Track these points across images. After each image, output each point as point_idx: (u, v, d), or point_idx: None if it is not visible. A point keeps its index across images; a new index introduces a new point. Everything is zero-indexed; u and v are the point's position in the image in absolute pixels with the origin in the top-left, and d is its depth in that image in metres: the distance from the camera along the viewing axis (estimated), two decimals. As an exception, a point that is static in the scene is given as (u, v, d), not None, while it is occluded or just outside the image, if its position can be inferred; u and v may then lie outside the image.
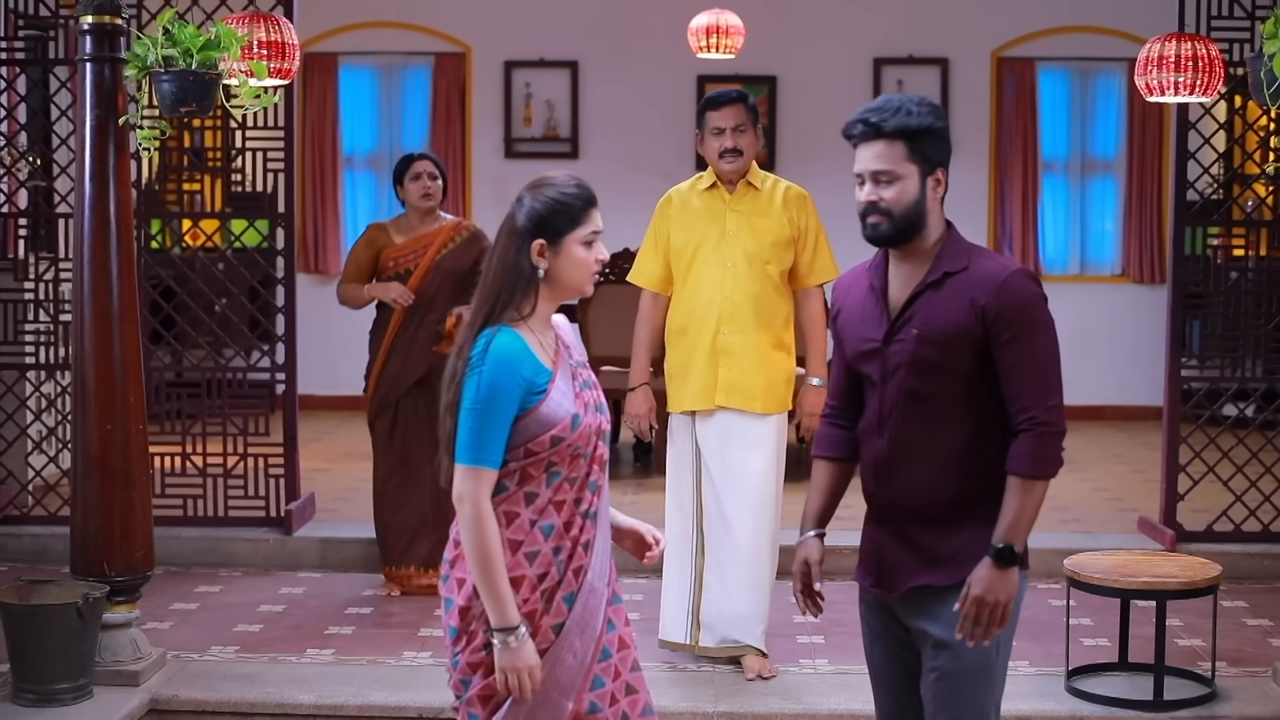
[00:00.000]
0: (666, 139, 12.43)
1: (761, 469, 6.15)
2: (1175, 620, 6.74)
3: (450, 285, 7.42)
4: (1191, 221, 8.29)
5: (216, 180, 9.60)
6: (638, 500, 9.00)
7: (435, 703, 5.81)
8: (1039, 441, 3.80)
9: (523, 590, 3.68)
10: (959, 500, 3.88)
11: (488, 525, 3.64)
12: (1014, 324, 3.80)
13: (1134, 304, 12.63)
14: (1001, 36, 12.57)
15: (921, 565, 3.92)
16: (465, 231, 7.60)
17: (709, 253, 6.18)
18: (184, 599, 7.32)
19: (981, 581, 3.79)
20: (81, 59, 5.77)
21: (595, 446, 3.79)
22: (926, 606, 3.92)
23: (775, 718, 5.86)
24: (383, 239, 7.57)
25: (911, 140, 3.86)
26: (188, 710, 5.93)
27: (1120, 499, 9.29)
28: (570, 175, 3.81)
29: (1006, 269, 3.88)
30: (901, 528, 3.96)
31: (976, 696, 3.91)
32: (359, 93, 12.91)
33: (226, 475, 8.23)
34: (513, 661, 3.63)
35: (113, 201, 5.84)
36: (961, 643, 3.84)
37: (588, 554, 3.76)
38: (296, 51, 5.86)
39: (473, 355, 3.67)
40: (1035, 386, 3.81)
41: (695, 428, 6.22)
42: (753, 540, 6.14)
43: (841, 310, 4.11)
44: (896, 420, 3.91)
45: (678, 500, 6.28)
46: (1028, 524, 3.82)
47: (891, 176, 3.87)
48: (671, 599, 6.27)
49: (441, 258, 7.47)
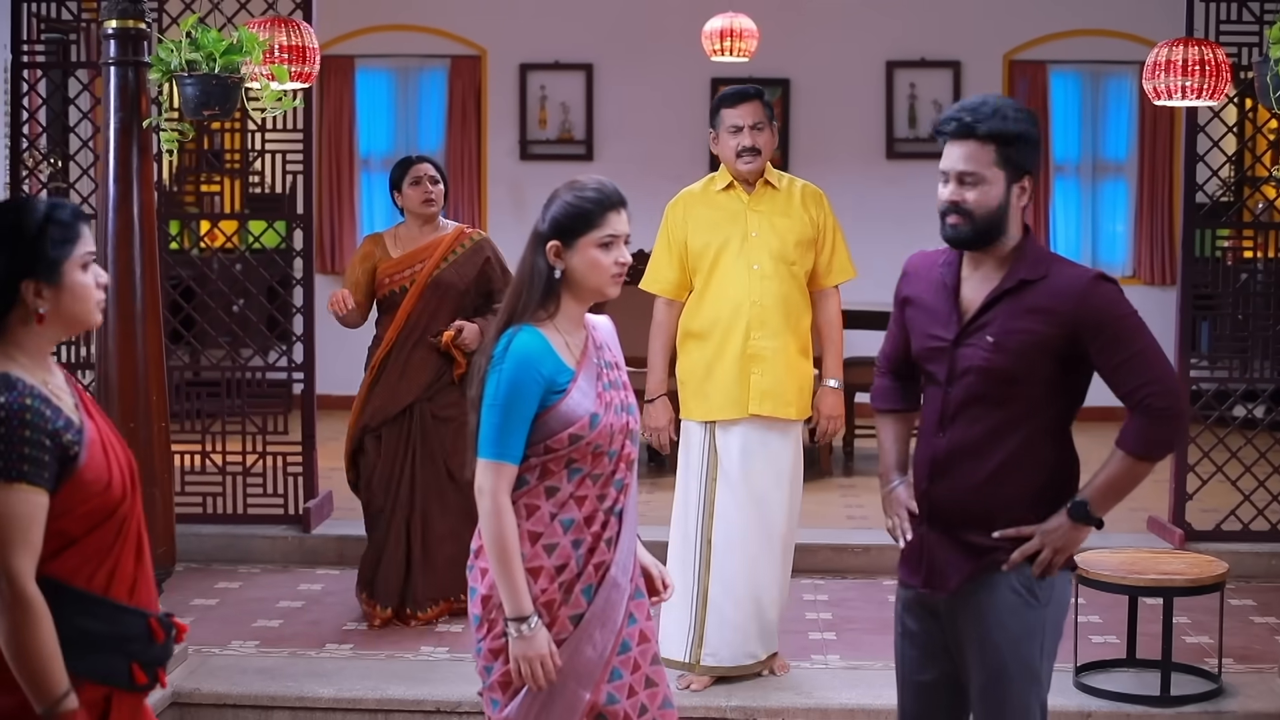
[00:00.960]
0: (681, 142, 12.51)
1: (782, 476, 6.02)
2: (1183, 618, 6.81)
3: (452, 302, 6.85)
4: (1201, 224, 8.35)
5: (234, 182, 9.70)
6: (651, 500, 9.06)
7: (453, 696, 5.90)
8: (1151, 422, 3.83)
9: (541, 581, 3.77)
10: (1013, 503, 3.92)
11: (505, 518, 3.72)
12: (1107, 327, 3.83)
13: (1145, 306, 12.27)
14: (1013, 39, 12.63)
15: (971, 562, 3.95)
16: (469, 241, 7.00)
17: (733, 256, 5.97)
18: (204, 595, 7.41)
19: (1051, 530, 3.86)
20: (106, 63, 5.87)
21: (622, 445, 3.85)
22: (973, 600, 3.95)
23: (787, 712, 5.94)
24: (378, 253, 6.96)
25: (1004, 145, 3.87)
26: (209, 704, 6.02)
27: (1130, 499, 9.27)
28: (597, 179, 3.88)
29: (1085, 276, 3.90)
30: (954, 529, 3.98)
31: (1020, 694, 3.94)
32: (375, 95, 13.00)
33: (246, 474, 8.33)
34: (524, 650, 3.71)
35: (136, 203, 5.94)
36: (1008, 644, 3.90)
37: (611, 549, 3.83)
38: (317, 56, 5.96)
39: (495, 353, 3.77)
40: (1149, 375, 3.82)
41: (713, 436, 6.01)
42: (781, 548, 6.03)
43: (910, 299, 4.11)
44: (959, 423, 3.93)
45: (684, 510, 6.07)
46: (1116, 496, 3.90)
47: (978, 179, 3.88)
48: (672, 616, 6.02)
49: (441, 272, 6.86)
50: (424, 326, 6.82)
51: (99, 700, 3.12)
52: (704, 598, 5.97)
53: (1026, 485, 3.92)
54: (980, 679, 3.98)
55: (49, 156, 8.49)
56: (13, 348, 3.13)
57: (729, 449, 6.00)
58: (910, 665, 4.18)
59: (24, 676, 3.00)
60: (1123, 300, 3.89)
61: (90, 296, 3.21)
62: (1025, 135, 3.90)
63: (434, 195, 6.94)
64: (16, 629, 2.98)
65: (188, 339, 8.85)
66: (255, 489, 8.38)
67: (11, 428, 3.00)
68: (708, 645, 5.99)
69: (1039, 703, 4.01)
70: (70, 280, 3.17)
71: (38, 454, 3.01)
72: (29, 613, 2.98)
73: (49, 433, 3.04)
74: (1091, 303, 3.84)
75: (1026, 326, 3.85)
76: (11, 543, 2.97)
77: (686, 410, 6.10)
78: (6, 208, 3.20)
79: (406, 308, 6.81)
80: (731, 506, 5.97)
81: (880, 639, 6.71)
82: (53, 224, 3.14)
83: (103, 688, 3.13)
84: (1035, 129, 3.94)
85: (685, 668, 6.02)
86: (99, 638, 3.13)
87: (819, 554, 7.82)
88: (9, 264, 3.11)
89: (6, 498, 2.98)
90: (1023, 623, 3.93)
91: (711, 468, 6.01)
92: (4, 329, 3.14)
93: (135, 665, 3.18)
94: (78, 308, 3.20)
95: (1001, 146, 3.87)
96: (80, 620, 3.09)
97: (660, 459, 10.09)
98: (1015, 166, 3.90)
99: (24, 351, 3.14)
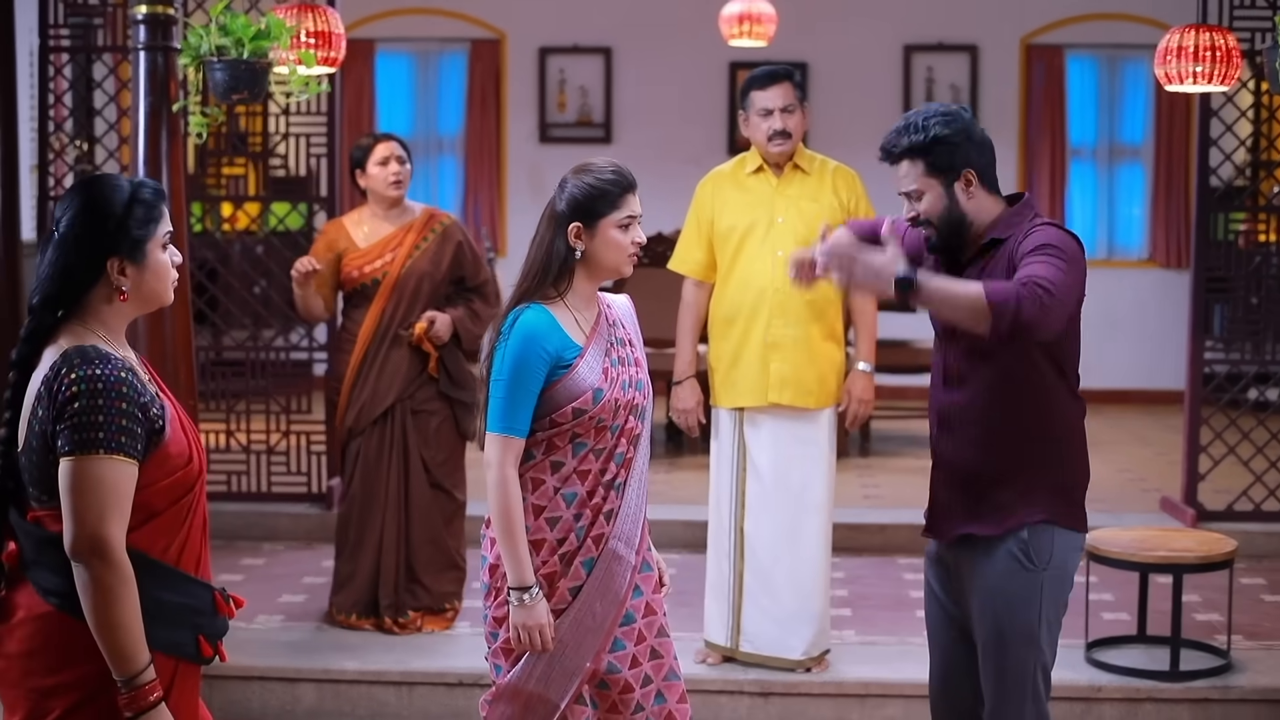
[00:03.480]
0: (698, 126, 12.60)
1: (815, 467, 6.00)
2: (1194, 596, 6.90)
3: (427, 293, 6.49)
4: (1215, 208, 8.43)
5: (257, 165, 9.80)
6: (670, 479, 9.18)
7: (476, 668, 6.00)
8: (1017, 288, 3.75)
9: (543, 553, 3.89)
10: (1014, 457, 4.09)
11: (510, 489, 3.85)
12: (1035, 246, 3.91)
13: (1161, 289, 12.73)
14: (1030, 23, 12.68)
15: (969, 515, 4.13)
16: (438, 226, 6.58)
17: (757, 241, 5.92)
18: (230, 571, 7.53)
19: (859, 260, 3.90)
20: (135, 47, 5.96)
21: (625, 420, 3.95)
22: (973, 558, 4.13)
23: (803, 686, 6.03)
24: (343, 242, 6.55)
25: (923, 155, 4.05)
26: (236, 676, 6.13)
27: (1143, 479, 9.44)
28: (610, 161, 3.99)
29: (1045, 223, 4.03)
30: (958, 478, 4.16)
31: (1017, 658, 4.09)
32: (395, 79, 13.09)
33: (269, 452, 8.44)
34: (525, 619, 3.84)
35: (165, 186, 6.02)
36: (1003, 605, 4.05)
37: (610, 523, 3.93)
38: (343, 41, 6.05)
39: (502, 329, 3.90)
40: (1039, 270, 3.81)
41: (742, 424, 6.02)
42: (806, 541, 5.99)
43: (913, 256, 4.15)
44: (961, 377, 4.12)
45: (717, 498, 6.09)
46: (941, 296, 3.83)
47: (918, 193, 4.08)
48: (714, 600, 6.12)
49: (414, 261, 6.49)
50: (400, 320, 6.48)
51: (167, 673, 3.18)
52: (739, 586, 6.03)
53: (1024, 443, 4.08)
54: (980, 639, 4.14)
55: (75, 140, 8.60)
56: (95, 323, 3.19)
57: (759, 438, 6.00)
58: (934, 622, 4.35)
59: (108, 645, 3.06)
60: (1065, 236, 3.96)
61: (169, 275, 3.28)
62: (941, 138, 4.04)
63: (401, 176, 6.50)
64: (107, 597, 3.04)
65: (212, 320, 8.97)
66: (279, 468, 8.49)
67: (110, 399, 3.06)
68: (745, 633, 6.06)
69: (1039, 667, 4.13)
70: (152, 259, 3.23)
71: (132, 426, 3.08)
72: (122, 582, 3.05)
73: (140, 405, 3.11)
74: (1034, 233, 3.98)
75: (1001, 277, 3.95)
76: (108, 512, 3.05)
77: (716, 398, 6.11)
78: (91, 185, 3.25)
79: (380, 303, 6.47)
80: (762, 496, 5.99)
81: (895, 616, 6.82)
82: (137, 203, 3.21)
83: (171, 660, 3.20)
84: (952, 128, 4.05)
85: (727, 653, 6.11)
86: (173, 609, 3.19)
87: (835, 532, 7.82)
88: (96, 241, 3.17)
89: (106, 468, 3.05)
90: (1019, 586, 4.06)
91: (741, 457, 6.02)
92: (87, 305, 3.20)
93: (201, 637, 3.26)
94: (158, 286, 3.26)
95: (924, 157, 4.05)
96: (157, 592, 3.15)
97: (679, 440, 10.17)
98: (945, 169, 4.05)
99: (106, 328, 3.20)
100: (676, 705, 4.05)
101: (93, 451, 3.04)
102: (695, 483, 8.54)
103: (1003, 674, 4.11)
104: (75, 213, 3.18)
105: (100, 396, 3.05)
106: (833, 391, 6.05)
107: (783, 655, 6.04)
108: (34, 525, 3.16)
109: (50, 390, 3.08)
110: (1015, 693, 4.11)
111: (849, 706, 6.05)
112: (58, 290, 3.18)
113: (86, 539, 3.04)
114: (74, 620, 3.10)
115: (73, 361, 3.08)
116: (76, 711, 3.13)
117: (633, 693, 3.97)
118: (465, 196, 12.98)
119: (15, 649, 3.17)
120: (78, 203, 3.19)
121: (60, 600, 3.12)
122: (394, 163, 6.49)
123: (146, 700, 3.08)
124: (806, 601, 6.01)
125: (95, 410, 3.04)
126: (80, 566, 3.05)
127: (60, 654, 3.13)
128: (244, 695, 6.16)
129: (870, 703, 6.04)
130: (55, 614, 3.13)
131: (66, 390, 3.05)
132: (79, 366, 3.07)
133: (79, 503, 3.04)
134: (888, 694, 6.02)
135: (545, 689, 3.91)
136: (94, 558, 3.04)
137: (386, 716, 6.14)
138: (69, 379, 3.06)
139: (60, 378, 3.07)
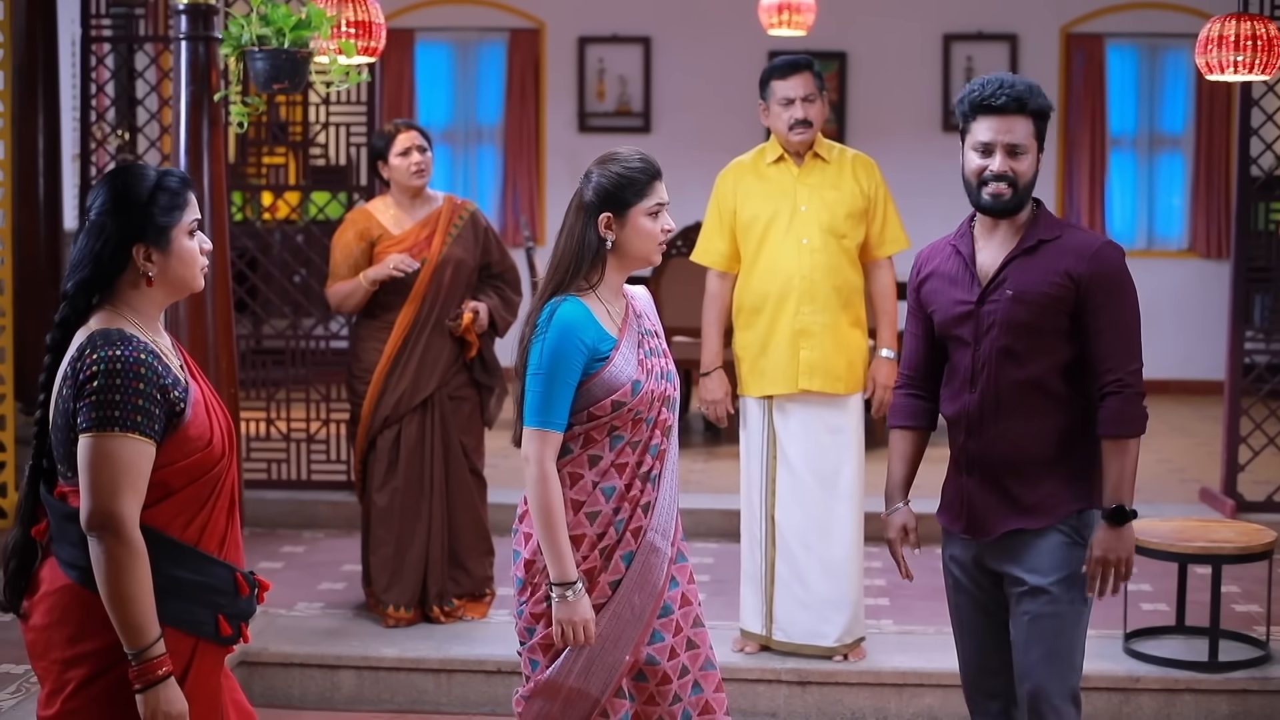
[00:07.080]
0: (738, 115, 12.52)
1: (845, 454, 6.00)
2: (1233, 587, 6.89)
3: (463, 280, 6.50)
4: (1256, 198, 8.41)
5: (297, 154, 9.84)
6: (707, 469, 9.19)
7: (514, 657, 5.99)
8: (1124, 403, 4.07)
9: (583, 548, 3.89)
10: (1047, 450, 4.16)
11: (551, 484, 3.84)
12: (1104, 291, 4.08)
13: (1201, 279, 12.68)
14: (1071, 12, 12.64)
15: (1013, 511, 4.18)
16: (465, 213, 6.60)
17: (781, 230, 5.93)
18: (270, 558, 7.58)
19: (1101, 543, 4.09)
20: (177, 38, 6.00)
21: (659, 412, 3.96)
22: (1018, 551, 4.18)
23: (840, 675, 6.04)
24: (376, 229, 6.53)
25: (1040, 120, 4.15)
26: (276, 662, 6.18)
27: (1183, 470, 9.41)
28: (635, 150, 4.01)
29: (1098, 240, 4.18)
30: (993, 477, 4.20)
31: (1067, 634, 4.18)
32: (435, 68, 13.12)
33: (309, 440, 8.49)
34: (569, 614, 3.84)
35: (206, 175, 6.06)
36: (1056, 587, 4.12)
37: (647, 515, 3.93)
38: (383, 31, 6.07)
39: (539, 322, 3.88)
40: (1120, 350, 4.09)
41: (771, 413, 6.02)
42: (837, 528, 5.99)
43: (928, 279, 4.31)
44: (989, 375, 4.15)
45: (748, 487, 6.10)
46: (1130, 481, 4.10)
47: (1025, 150, 4.13)
48: (748, 589, 6.14)
49: (449, 249, 6.49)
50: (439, 309, 6.45)
51: (185, 650, 3.26)
52: (771, 574, 6.04)
53: (1055, 436, 4.15)
54: (1027, 620, 4.15)
55: (116, 129, 8.66)
56: (124, 308, 3.28)
57: (788, 427, 6.00)
58: (965, 613, 4.37)
59: (119, 618, 3.14)
60: (1126, 272, 4.15)
61: (196, 262, 3.36)
62: (1049, 113, 4.19)
63: (424, 165, 6.50)
64: (118, 571, 3.13)
65: (252, 309, 9.01)
66: (319, 455, 8.54)
67: (127, 380, 3.16)
68: (778, 621, 6.06)
69: (1081, 640, 4.23)
70: (178, 246, 3.31)
71: (149, 406, 3.17)
72: (132, 556, 3.13)
73: (160, 387, 3.19)
74: (1101, 262, 4.11)
75: (1043, 279, 4.11)
76: (121, 489, 3.14)
77: (744, 387, 6.10)
78: (119, 174, 3.34)
79: (420, 290, 6.43)
80: (793, 484, 5.99)
81: (931, 605, 6.79)
82: (162, 191, 3.30)
83: (189, 638, 3.27)
84: None
85: (761, 641, 6.12)
86: (188, 586, 3.26)
87: (871, 522, 7.81)
88: (121, 228, 3.26)
89: (120, 446, 3.14)
90: (1071, 558, 4.15)
91: (771, 445, 6.03)
92: (115, 290, 3.29)
93: (221, 617, 3.32)
94: (185, 272, 3.34)
95: (1038, 121, 4.15)
96: (171, 568, 3.23)
97: (716, 430, 10.14)
98: (1042, 140, 4.18)
99: (135, 312, 3.29)
100: (713, 695, 4.06)
101: (109, 429, 3.14)
102: (732, 472, 8.50)
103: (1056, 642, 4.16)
104: (103, 200, 3.28)
105: (119, 376, 3.15)
106: (860, 378, 6.08)
107: (816, 643, 6.05)
108: (59, 501, 3.26)
109: (74, 370, 3.18)
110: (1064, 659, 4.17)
111: (886, 695, 6.06)
112: (89, 276, 3.27)
113: (100, 513, 3.14)
114: (91, 593, 3.19)
115: (96, 343, 3.19)
116: (92, 683, 3.22)
117: (670, 684, 3.99)
118: (504, 186, 13.00)
119: (39, 621, 3.27)
120: (106, 191, 3.30)
121: (79, 573, 3.21)
122: (415, 152, 6.49)
123: (155, 674, 3.16)
124: (839, 588, 6.02)
125: (113, 390, 3.14)
126: (94, 540, 3.15)
127: (78, 626, 3.22)
128: (284, 682, 6.20)
129: (907, 692, 6.05)
130: (74, 586, 3.23)
131: (87, 370, 3.16)
132: (101, 348, 3.17)
133: (94, 478, 3.14)
134: (925, 684, 6.03)
135: (585, 683, 3.92)
136: (106, 532, 3.13)
137: (425, 704, 6.17)
138: (90, 359, 3.16)
139: (83, 358, 3.18)
